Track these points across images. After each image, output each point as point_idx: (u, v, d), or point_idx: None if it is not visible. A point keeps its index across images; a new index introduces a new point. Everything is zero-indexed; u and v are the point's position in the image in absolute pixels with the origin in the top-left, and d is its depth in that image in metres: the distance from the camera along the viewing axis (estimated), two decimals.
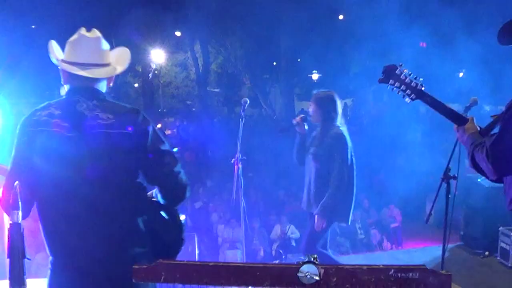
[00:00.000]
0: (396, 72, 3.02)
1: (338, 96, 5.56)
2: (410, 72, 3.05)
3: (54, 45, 2.78)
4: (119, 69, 2.88)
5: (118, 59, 2.92)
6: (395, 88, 3.03)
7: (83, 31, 2.70)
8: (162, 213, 2.86)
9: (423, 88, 3.02)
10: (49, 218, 2.46)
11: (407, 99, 3.05)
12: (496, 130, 2.79)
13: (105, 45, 2.76)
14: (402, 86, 3.02)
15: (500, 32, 2.79)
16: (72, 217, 2.48)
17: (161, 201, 2.78)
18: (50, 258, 2.54)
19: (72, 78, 2.65)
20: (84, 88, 2.63)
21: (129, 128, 2.56)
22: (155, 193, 2.79)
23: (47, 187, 2.42)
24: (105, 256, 2.55)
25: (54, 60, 2.72)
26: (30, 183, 2.37)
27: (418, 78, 3.03)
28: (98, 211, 2.51)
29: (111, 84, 2.85)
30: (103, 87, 2.78)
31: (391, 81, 3.01)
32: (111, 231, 2.54)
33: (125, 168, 2.58)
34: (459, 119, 3.05)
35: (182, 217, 3.04)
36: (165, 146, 2.70)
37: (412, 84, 3.01)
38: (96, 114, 2.53)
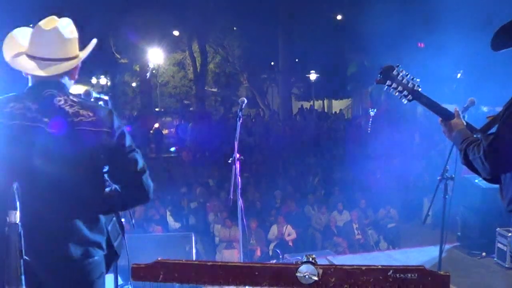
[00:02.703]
0: (393, 72, 3.02)
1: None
2: (407, 73, 3.05)
3: (19, 37, 2.65)
4: (80, 59, 2.74)
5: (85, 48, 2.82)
6: (392, 89, 3.03)
7: (43, 21, 2.58)
8: (114, 217, 2.84)
9: (419, 89, 3.02)
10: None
11: (404, 100, 3.05)
12: (492, 130, 2.79)
13: (68, 33, 2.62)
14: (399, 87, 3.01)
15: (493, 39, 2.81)
16: (38, 211, 2.41)
17: (120, 202, 2.71)
18: None
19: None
20: (54, 82, 2.56)
21: (108, 127, 2.53)
22: (109, 192, 2.69)
23: (24, 181, 2.35)
24: (68, 262, 2.51)
25: (7, 57, 2.58)
26: (7, 176, 2.29)
27: (415, 79, 3.04)
28: (67, 208, 2.48)
29: (75, 78, 2.73)
30: (67, 81, 2.67)
31: (388, 82, 3.01)
32: (75, 230, 2.50)
33: (99, 165, 2.57)
34: (447, 114, 3.07)
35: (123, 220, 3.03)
36: (134, 148, 2.67)
37: (409, 85, 3.01)
38: (77, 110, 2.49)
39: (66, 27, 2.62)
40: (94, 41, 2.81)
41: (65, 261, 2.49)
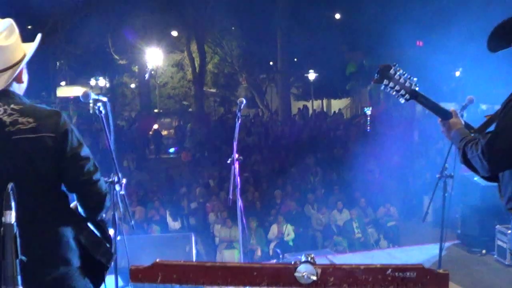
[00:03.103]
0: (391, 72, 3.01)
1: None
2: (404, 72, 3.04)
3: None
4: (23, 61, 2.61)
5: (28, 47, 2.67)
6: (389, 89, 3.03)
7: None
8: (90, 226, 2.70)
9: (417, 88, 3.02)
10: None
11: (402, 99, 3.05)
12: (490, 129, 2.79)
13: (4, 40, 2.49)
14: (396, 86, 3.01)
15: (489, 39, 2.80)
16: None
17: (82, 212, 2.62)
18: None
19: None
20: None
21: (52, 132, 2.43)
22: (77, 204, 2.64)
23: None
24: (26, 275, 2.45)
25: None
26: None
27: (412, 78, 3.03)
28: (20, 223, 2.42)
29: (23, 80, 2.62)
30: (16, 87, 2.58)
31: (385, 81, 3.00)
32: (31, 248, 2.41)
33: (47, 175, 2.46)
34: (445, 113, 3.07)
35: (111, 231, 2.89)
36: (85, 152, 2.55)
37: (406, 84, 3.00)
38: (15, 119, 2.40)
39: (5, 34, 2.50)
40: (39, 36, 2.65)
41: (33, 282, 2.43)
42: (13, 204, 1.88)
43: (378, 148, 17.56)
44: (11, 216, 1.87)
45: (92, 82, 31.24)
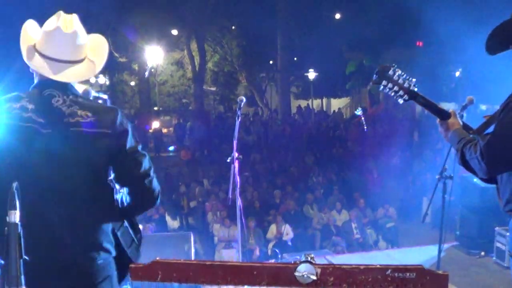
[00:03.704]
0: (389, 72, 3.01)
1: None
2: (403, 73, 3.04)
3: (29, 30, 2.59)
4: (98, 65, 2.75)
5: (95, 50, 2.78)
6: (388, 89, 3.03)
7: (60, 21, 2.54)
8: (126, 222, 2.74)
9: (415, 89, 3.02)
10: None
11: (400, 100, 3.05)
12: (489, 130, 2.79)
13: (83, 38, 2.60)
14: (395, 87, 3.01)
15: (487, 42, 2.80)
16: (40, 213, 2.39)
17: (128, 206, 2.63)
18: None
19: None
20: (56, 81, 2.51)
21: (108, 128, 2.46)
22: (120, 198, 2.63)
23: (23, 182, 2.31)
24: (69, 263, 2.46)
25: (24, 52, 2.53)
26: (6, 177, 2.22)
27: (410, 78, 3.03)
28: (69, 210, 2.43)
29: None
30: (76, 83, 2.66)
31: (384, 82, 3.00)
32: (76, 237, 2.45)
33: (100, 168, 2.50)
34: (443, 114, 3.07)
35: (140, 226, 2.93)
36: (140, 148, 2.61)
37: (405, 85, 3.00)
38: (74, 111, 2.44)
39: (82, 30, 2.59)
40: (103, 41, 2.84)
41: (65, 263, 2.46)
42: (17, 203, 1.88)
43: (378, 148, 17.58)
44: (16, 216, 1.87)
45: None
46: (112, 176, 2.58)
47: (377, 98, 26.64)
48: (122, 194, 2.61)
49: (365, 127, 20.60)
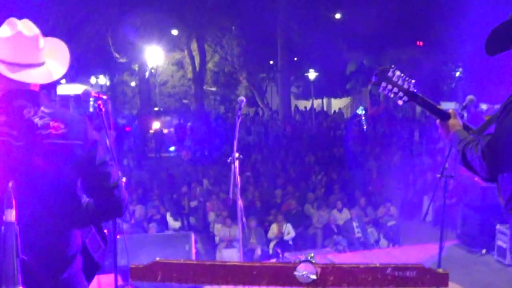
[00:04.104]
0: (389, 74, 3.02)
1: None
2: (402, 74, 3.05)
3: None
4: (62, 67, 2.65)
5: (55, 54, 2.68)
6: (387, 91, 3.04)
7: (19, 26, 2.46)
8: (92, 228, 2.77)
9: (415, 90, 3.02)
10: None
11: (400, 101, 3.06)
12: (490, 130, 2.79)
13: (42, 42, 2.54)
14: (395, 88, 3.02)
15: (486, 43, 2.79)
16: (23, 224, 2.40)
17: (96, 215, 2.67)
18: None
19: (7, 79, 2.45)
20: (26, 91, 2.47)
21: (80, 139, 2.46)
22: (86, 207, 2.64)
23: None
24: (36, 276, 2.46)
25: None
26: None
27: (410, 80, 3.04)
28: (39, 222, 2.43)
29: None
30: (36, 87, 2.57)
31: (383, 84, 3.01)
32: (49, 243, 2.47)
33: (70, 178, 2.50)
34: (443, 115, 3.08)
35: (105, 231, 2.97)
36: (109, 159, 2.63)
37: (404, 86, 3.01)
38: (46, 122, 2.41)
39: (40, 34, 2.54)
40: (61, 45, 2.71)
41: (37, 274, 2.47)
42: (13, 202, 1.88)
43: (378, 148, 17.59)
44: (12, 215, 1.87)
45: (93, 80, 31.22)
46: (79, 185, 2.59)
47: (378, 98, 26.66)
48: (87, 203, 2.62)
49: (365, 127, 20.62)
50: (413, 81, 3.03)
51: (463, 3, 19.67)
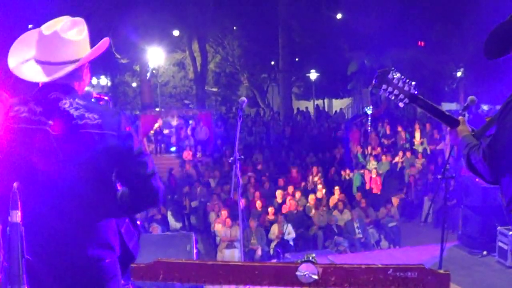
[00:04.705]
0: (389, 76, 3.01)
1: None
2: (402, 76, 3.05)
3: (22, 43, 2.63)
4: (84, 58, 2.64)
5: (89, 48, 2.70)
6: (388, 93, 3.03)
7: (44, 25, 2.54)
8: (127, 219, 2.80)
9: (415, 92, 3.02)
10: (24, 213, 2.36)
11: (401, 104, 3.05)
12: (491, 131, 2.79)
13: (72, 35, 2.56)
14: (395, 90, 3.01)
15: (485, 45, 2.75)
16: (40, 224, 2.41)
17: (131, 205, 2.69)
18: None
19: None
20: (61, 85, 2.55)
21: (115, 130, 2.50)
22: (122, 197, 2.67)
23: (28, 183, 2.35)
24: (73, 264, 2.48)
25: (13, 63, 2.56)
26: (10, 180, 2.21)
27: (410, 82, 3.03)
28: (69, 216, 2.47)
29: (84, 79, 2.68)
30: (76, 84, 2.64)
31: (384, 86, 3.01)
32: (81, 238, 2.49)
33: (105, 169, 2.54)
34: (451, 121, 3.06)
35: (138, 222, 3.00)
36: (143, 149, 2.65)
37: (405, 88, 3.00)
38: (82, 113, 2.47)
39: (69, 29, 2.57)
40: (106, 40, 2.69)
41: (72, 263, 2.48)
42: (19, 204, 1.89)
43: (379, 148, 17.58)
44: (17, 216, 1.88)
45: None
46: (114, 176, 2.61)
47: (379, 98, 26.63)
48: (123, 193, 2.64)
49: (369, 128, 20.60)
50: (413, 83, 3.02)
51: (464, 3, 19.69)
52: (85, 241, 2.49)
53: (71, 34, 2.56)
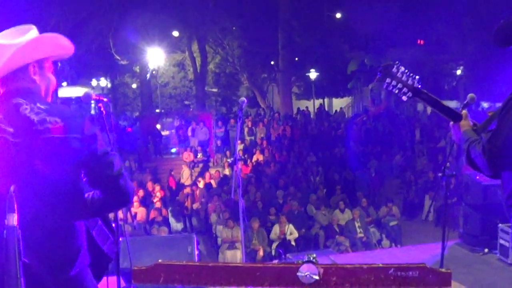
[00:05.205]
0: (393, 70, 3.03)
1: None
2: (406, 70, 3.06)
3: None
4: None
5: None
6: (391, 86, 3.04)
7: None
8: (100, 221, 2.78)
9: (419, 86, 3.03)
10: None
11: (404, 97, 3.06)
12: (492, 126, 2.80)
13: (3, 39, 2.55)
14: (399, 84, 3.03)
15: (496, 34, 2.75)
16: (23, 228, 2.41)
17: (100, 206, 2.65)
18: None
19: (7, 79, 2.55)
20: (22, 89, 2.52)
21: (78, 133, 2.46)
22: (91, 198, 2.64)
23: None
24: (43, 270, 2.45)
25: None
26: None
27: (414, 76, 3.04)
28: (39, 218, 2.43)
29: (37, 81, 2.61)
30: (36, 87, 2.61)
31: (388, 80, 3.02)
32: (51, 242, 2.46)
33: (71, 173, 2.51)
34: (454, 116, 3.08)
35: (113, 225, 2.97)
36: (110, 149, 2.62)
37: (408, 82, 3.02)
38: (43, 118, 2.43)
39: (6, 34, 2.57)
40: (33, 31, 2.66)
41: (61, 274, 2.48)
42: (15, 207, 1.89)
43: (380, 147, 17.58)
44: (14, 219, 1.88)
45: (94, 82, 31.22)
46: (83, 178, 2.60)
47: (379, 97, 26.64)
48: (91, 194, 2.62)
49: (369, 125, 20.61)
50: (417, 77, 3.04)
51: (464, 2, 19.68)
52: (54, 247, 2.46)
53: (3, 39, 2.54)
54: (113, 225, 2.90)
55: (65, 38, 2.75)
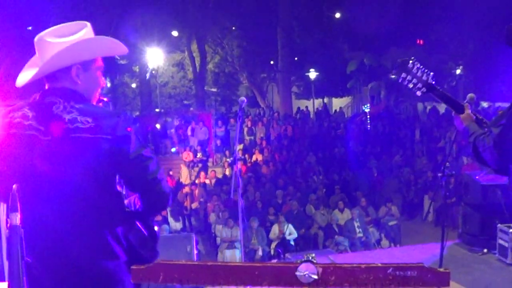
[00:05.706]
0: (409, 65, 3.11)
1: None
2: (421, 66, 3.14)
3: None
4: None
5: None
6: (406, 81, 3.12)
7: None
8: (138, 224, 2.71)
9: (433, 82, 3.11)
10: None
11: (418, 92, 3.16)
12: (502, 122, 2.83)
13: (52, 38, 2.55)
14: (414, 79, 3.12)
15: (508, 33, 2.76)
16: (40, 227, 2.39)
17: (140, 210, 2.65)
18: None
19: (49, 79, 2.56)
20: (59, 89, 2.52)
21: (109, 134, 2.43)
22: (130, 202, 2.64)
23: (26, 188, 2.31)
24: (74, 267, 2.44)
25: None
26: (9, 184, 2.17)
27: (428, 72, 3.13)
28: (70, 220, 2.42)
29: (78, 82, 2.60)
30: (80, 88, 2.59)
31: (403, 74, 3.11)
32: (82, 242, 2.43)
33: (103, 174, 2.47)
34: (458, 107, 3.17)
35: (155, 228, 2.93)
36: (147, 152, 2.56)
37: (423, 77, 3.11)
38: (74, 117, 2.42)
39: (55, 32, 2.56)
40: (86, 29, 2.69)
41: (70, 270, 2.46)
42: (19, 206, 1.89)
43: (379, 147, 17.59)
44: (17, 218, 1.88)
45: None
46: (118, 181, 2.57)
47: (378, 97, 26.64)
48: (132, 198, 2.61)
49: (368, 126, 20.62)
50: (431, 73, 3.11)
51: (464, 2, 19.68)
52: (86, 245, 2.45)
53: (50, 37, 2.54)
54: (156, 228, 2.86)
55: (116, 41, 2.83)
